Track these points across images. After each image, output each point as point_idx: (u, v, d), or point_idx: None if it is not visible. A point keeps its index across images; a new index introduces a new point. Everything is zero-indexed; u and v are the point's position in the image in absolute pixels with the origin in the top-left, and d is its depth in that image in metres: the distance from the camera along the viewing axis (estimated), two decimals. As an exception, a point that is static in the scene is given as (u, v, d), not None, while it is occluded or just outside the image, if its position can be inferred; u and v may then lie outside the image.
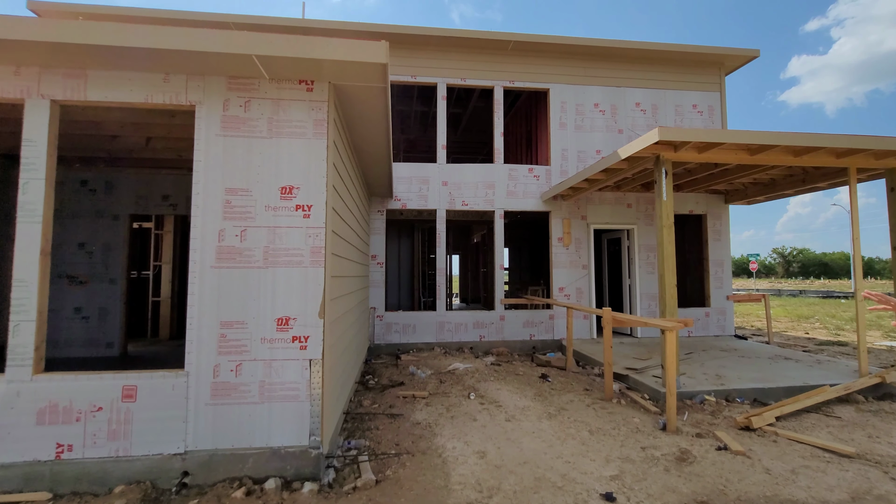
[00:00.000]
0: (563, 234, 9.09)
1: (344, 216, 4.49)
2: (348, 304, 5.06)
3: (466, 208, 8.96)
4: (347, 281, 5.00)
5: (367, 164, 6.32)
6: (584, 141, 9.28)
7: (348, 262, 5.06)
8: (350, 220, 5.22)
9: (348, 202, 4.95)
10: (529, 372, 6.92)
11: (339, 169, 4.03)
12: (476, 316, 8.83)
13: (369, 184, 7.66)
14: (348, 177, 4.85)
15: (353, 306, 5.61)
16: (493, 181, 9.07)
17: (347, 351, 5.07)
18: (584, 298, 9.07)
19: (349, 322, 5.20)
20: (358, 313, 6.48)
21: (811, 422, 4.65)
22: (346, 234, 4.83)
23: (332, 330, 3.72)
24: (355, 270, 6.14)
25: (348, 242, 5.01)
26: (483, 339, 8.78)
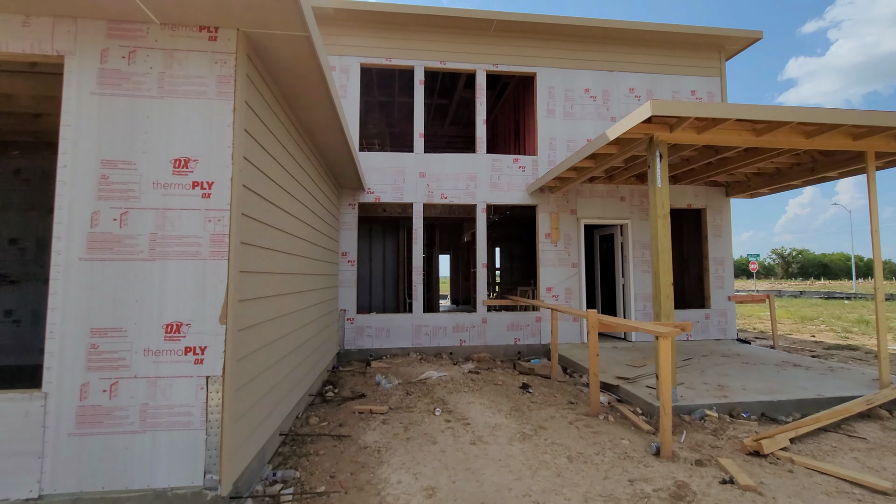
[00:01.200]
0: (551, 230, 8.39)
1: (276, 200, 3.78)
2: (290, 306, 4.35)
3: (445, 201, 8.25)
4: (288, 280, 4.29)
5: (326, 150, 5.61)
6: (573, 129, 8.58)
7: (290, 256, 4.35)
8: (295, 209, 4.51)
9: (290, 186, 4.25)
10: (510, 381, 6.21)
11: (262, 140, 3.32)
12: (456, 319, 8.12)
13: (336, 174, 6.95)
14: (288, 156, 4.14)
15: (302, 309, 4.90)
16: (475, 172, 8.36)
17: (291, 361, 4.36)
18: (574, 299, 8.36)
19: (293, 327, 4.49)
20: (316, 317, 5.77)
21: (831, 444, 3.94)
22: (285, 224, 4.12)
23: (246, 339, 3.01)
24: (310, 268, 5.43)
25: (289, 234, 4.30)
26: (464, 344, 8.07)
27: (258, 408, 3.29)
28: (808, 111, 4.73)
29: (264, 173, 3.42)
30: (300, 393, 4.82)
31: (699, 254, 9.93)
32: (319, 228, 6.07)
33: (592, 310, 4.63)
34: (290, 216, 4.31)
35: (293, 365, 4.51)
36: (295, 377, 4.58)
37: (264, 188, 3.43)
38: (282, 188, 3.96)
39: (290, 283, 4.37)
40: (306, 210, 5.15)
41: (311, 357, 5.39)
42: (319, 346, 5.99)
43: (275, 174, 3.72)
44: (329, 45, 8.09)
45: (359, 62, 8.15)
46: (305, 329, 5.14)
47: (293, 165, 4.40)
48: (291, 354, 4.43)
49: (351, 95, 8.10)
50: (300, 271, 4.88)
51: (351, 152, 5.57)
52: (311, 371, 5.44)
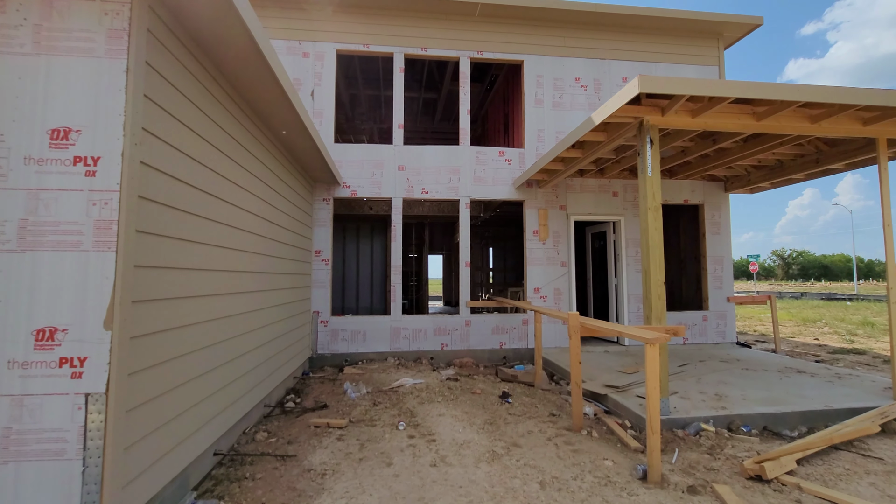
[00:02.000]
0: (539, 227, 7.90)
1: (207, 186, 3.29)
2: (233, 307, 3.85)
3: (426, 196, 7.76)
4: (230, 278, 3.79)
5: (288, 139, 5.13)
6: (563, 120, 8.10)
7: (233, 252, 3.85)
8: (242, 199, 4.02)
9: (231, 172, 3.76)
10: (489, 389, 5.71)
11: (179, 113, 2.83)
12: (437, 321, 7.62)
13: (306, 166, 6.47)
14: (227, 138, 3.65)
15: (254, 311, 4.40)
16: (458, 166, 7.88)
17: (234, 370, 3.86)
18: (564, 301, 7.87)
19: (239, 331, 3.99)
20: (278, 319, 5.28)
21: (844, 465, 3.44)
22: (225, 215, 3.63)
23: (145, 348, 2.51)
24: (269, 266, 4.94)
25: (233, 227, 3.81)
26: (446, 348, 7.57)
27: (174, 427, 2.79)
28: (816, 90, 4.25)
29: (184, 153, 2.93)
30: (250, 404, 4.32)
31: (696, 252, 9.45)
32: (282, 224, 5.59)
33: (574, 312, 4.15)
34: (232, 206, 3.82)
35: (239, 373, 4.02)
36: (242, 387, 4.08)
37: (184, 170, 2.94)
38: (217, 173, 3.47)
39: (233, 282, 3.88)
40: (260, 202, 4.66)
41: (267, 364, 4.89)
42: (282, 352, 5.50)
43: (204, 155, 3.24)
44: (302, 31, 7.61)
45: (334, 48, 7.67)
46: (260, 333, 4.65)
47: (237, 150, 3.91)
48: (235, 362, 3.94)
49: (326, 83, 7.62)
50: (251, 269, 4.40)
51: (311, 138, 5.07)
52: (269, 379, 4.95)
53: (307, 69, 7.59)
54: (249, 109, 4.18)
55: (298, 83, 7.57)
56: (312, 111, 7.57)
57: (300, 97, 7.50)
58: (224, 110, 3.59)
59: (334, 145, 7.59)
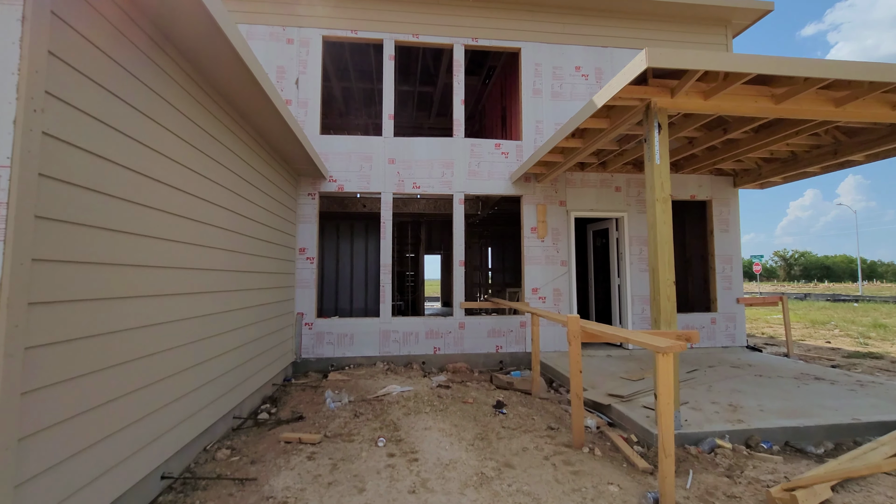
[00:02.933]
0: (538, 223, 7.45)
1: (150, 171, 2.85)
2: (189, 309, 3.41)
3: (418, 191, 7.33)
4: (185, 277, 3.36)
5: (263, 127, 4.70)
6: (562, 111, 7.65)
7: (189, 247, 3.42)
8: (201, 189, 3.59)
9: (187, 157, 3.33)
10: (483, 398, 5.27)
11: (106, 80, 2.40)
12: (430, 324, 7.17)
13: (286, 157, 6.04)
14: (172, 111, 3.22)
15: (219, 313, 3.97)
16: (452, 159, 7.44)
17: (191, 380, 3.42)
18: (564, 302, 7.42)
19: (198, 336, 3.56)
20: (251, 322, 4.85)
21: (885, 493, 2.99)
22: (177, 205, 3.20)
23: (46, 360, 2.07)
24: (239, 264, 4.51)
25: (189, 219, 3.38)
26: (438, 352, 7.13)
27: (97, 453, 2.35)
28: (845, 66, 3.80)
29: (115, 128, 2.49)
30: (214, 416, 3.89)
31: (703, 251, 9.00)
32: (258, 218, 5.16)
33: (573, 315, 3.70)
34: (189, 196, 3.38)
35: (199, 383, 3.58)
36: (203, 398, 3.65)
37: (115, 148, 2.50)
38: (166, 157, 3.04)
39: (192, 281, 3.45)
40: (229, 194, 4.23)
41: (238, 371, 4.46)
42: (257, 357, 5.06)
43: (146, 134, 2.80)
44: (286, 16, 7.18)
45: (320, 34, 7.24)
46: (228, 337, 4.21)
47: (194, 132, 3.48)
48: (195, 370, 3.51)
49: (312, 71, 7.19)
50: (216, 267, 3.96)
51: (285, 122, 4.64)
52: (240, 388, 4.51)
53: (291, 56, 7.16)
54: (210, 87, 3.75)
55: (282, 71, 7.14)
56: (297, 100, 7.14)
57: (285, 84, 7.08)
58: (175, 84, 3.16)
59: (320, 137, 7.16)
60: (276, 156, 5.83)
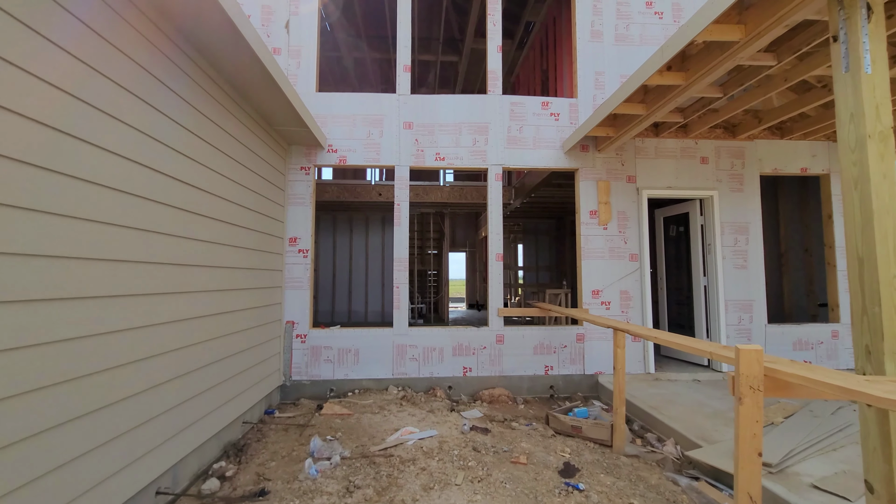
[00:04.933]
0: (599, 205, 5.68)
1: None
2: (86, 324, 1.83)
3: (442, 164, 5.65)
4: (87, 272, 1.77)
5: (227, 64, 3.13)
6: (630, 58, 5.85)
7: (99, 227, 1.83)
8: (125, 144, 2.00)
9: (92, 92, 1.74)
10: (540, 454, 3.55)
11: None
12: (457, 337, 5.49)
13: (270, 118, 4.47)
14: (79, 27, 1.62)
15: (145, 326, 2.38)
16: (486, 122, 5.74)
17: (56, 445, 1.84)
18: (635, 308, 5.63)
19: (101, 364, 1.97)
20: (203, 338, 3.26)
21: None
22: (72, 164, 1.62)
23: None
24: (192, 255, 2.93)
25: (97, 184, 1.79)
26: (469, 374, 5.44)
27: None
28: None
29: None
30: (117, 496, 2.31)
31: (806, 241, 7.08)
32: (229, 196, 3.60)
33: (754, 347, 1.94)
34: (115, 158, 1.80)
35: (87, 443, 2.00)
36: (91, 470, 2.07)
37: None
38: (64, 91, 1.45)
39: (92, 281, 1.87)
40: (181, 159, 2.65)
41: (176, 414, 2.87)
42: (215, 388, 3.48)
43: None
44: (274, -58, 5.62)
45: (317, -35, 5.66)
46: (158, 364, 2.63)
47: (125, 70, 1.89)
48: (78, 424, 1.93)
49: (307, 12, 5.60)
50: (148, 258, 2.39)
51: (255, 54, 3.03)
52: (178, 441, 2.92)
53: (280, -7, 5.60)
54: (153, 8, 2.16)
55: (269, 12, 5.57)
56: (288, 48, 5.56)
57: (272, 29, 5.54)
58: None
59: (316, 95, 5.57)
60: (255, 115, 4.26)
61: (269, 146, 4.78)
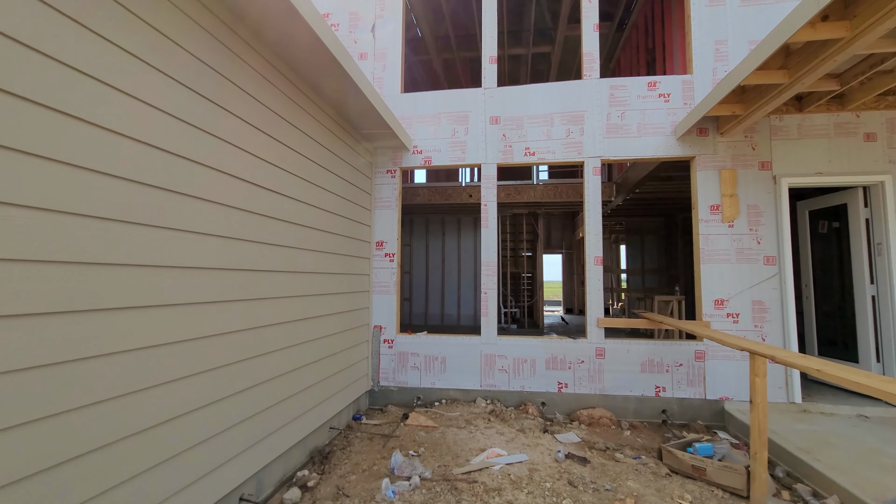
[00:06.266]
0: (722, 198, 4.78)
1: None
2: (185, 328, 1.84)
3: (532, 159, 5.20)
4: (185, 280, 1.78)
5: (317, 81, 3.11)
6: (760, 20, 4.86)
7: (191, 237, 1.85)
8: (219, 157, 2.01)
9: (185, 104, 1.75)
10: (653, 499, 2.95)
11: None
12: (552, 348, 4.99)
13: (356, 124, 4.45)
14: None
15: (250, 329, 2.38)
16: (582, 110, 5.16)
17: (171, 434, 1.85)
18: (773, 321, 4.63)
19: (200, 362, 1.98)
20: (303, 338, 3.25)
21: None
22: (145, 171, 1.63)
23: None
24: (285, 261, 2.93)
25: (188, 196, 1.81)
26: (564, 391, 4.91)
27: None
28: None
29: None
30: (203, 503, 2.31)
31: None
32: (320, 204, 3.63)
33: None
34: (221, 176, 1.81)
35: (187, 442, 2.01)
36: (186, 472, 2.08)
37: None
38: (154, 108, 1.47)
39: (175, 289, 1.88)
40: (276, 172, 2.66)
41: (261, 420, 2.87)
42: (303, 392, 3.47)
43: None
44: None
45: (401, -35, 5.58)
46: (256, 365, 2.63)
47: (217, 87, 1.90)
48: (183, 420, 1.94)
49: (392, 14, 5.54)
50: (230, 265, 2.39)
51: (358, 87, 2.94)
52: (263, 446, 2.92)
53: (366, -1, 5.62)
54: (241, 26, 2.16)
55: (356, 18, 5.62)
56: (374, 52, 5.56)
57: (359, 35, 5.59)
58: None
59: (401, 97, 5.48)
60: (341, 121, 4.25)
61: (355, 150, 4.77)
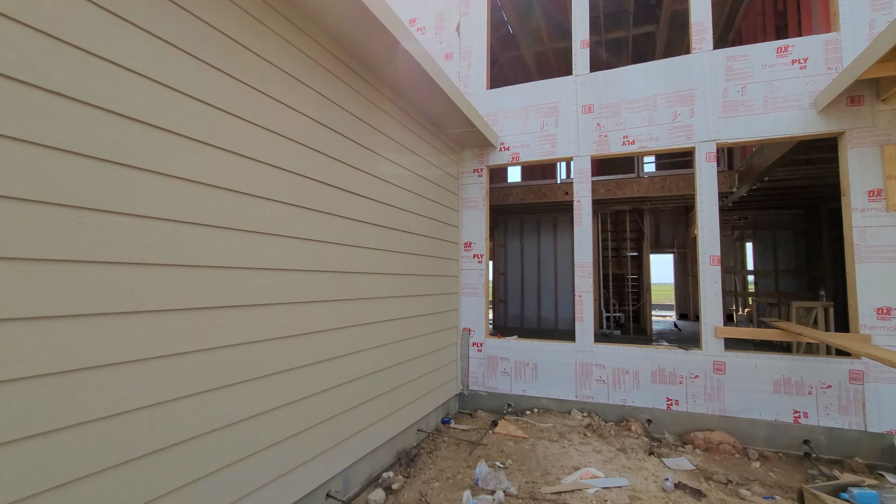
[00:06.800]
0: (887, 181, 3.82)
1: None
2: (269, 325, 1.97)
3: (631, 149, 4.69)
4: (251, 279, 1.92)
5: (401, 85, 3.15)
6: (941, -48, 3.81)
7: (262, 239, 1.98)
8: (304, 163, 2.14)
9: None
10: (790, 550, 2.41)
11: None
12: (657, 359, 4.43)
13: (441, 124, 4.42)
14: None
15: (325, 330, 2.48)
16: (690, 89, 4.53)
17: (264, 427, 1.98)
18: (964, 337, 3.58)
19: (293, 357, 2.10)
20: (391, 338, 3.30)
21: None
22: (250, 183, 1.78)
23: None
24: (367, 264, 3.00)
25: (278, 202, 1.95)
26: (674, 408, 4.32)
27: None
28: None
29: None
30: (290, 496, 2.41)
31: None
32: (408, 207, 3.66)
33: None
34: (306, 182, 1.95)
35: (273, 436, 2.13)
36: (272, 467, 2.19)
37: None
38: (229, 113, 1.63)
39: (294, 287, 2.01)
40: (363, 177, 2.74)
41: (339, 422, 2.93)
42: (390, 392, 3.50)
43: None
44: (445, -51, 5.65)
45: (486, -40, 5.44)
46: (349, 363, 2.72)
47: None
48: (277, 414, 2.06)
49: (476, 11, 5.43)
50: (320, 267, 2.50)
51: (445, 94, 2.91)
52: (346, 447, 2.98)
53: (451, -2, 5.58)
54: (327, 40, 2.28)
55: (441, 19, 5.62)
56: (459, 51, 5.49)
57: (445, 36, 5.59)
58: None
59: (486, 93, 5.33)
60: (425, 122, 4.25)
61: (440, 151, 4.73)
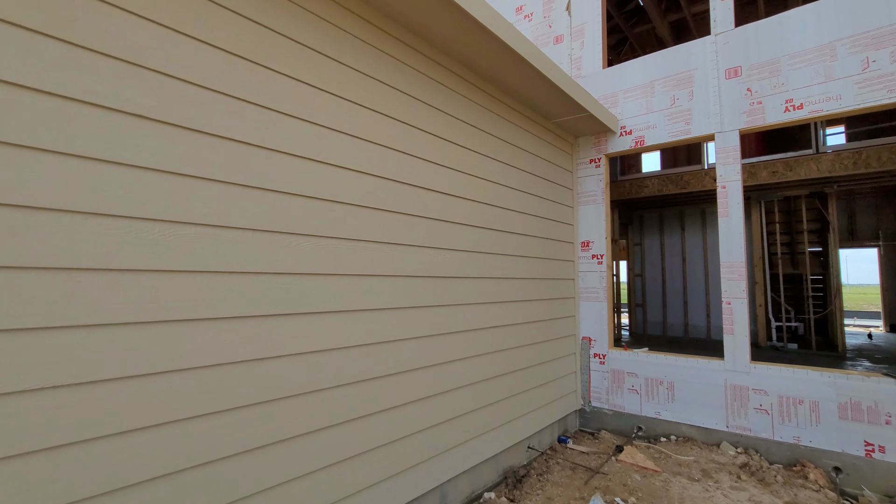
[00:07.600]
0: None
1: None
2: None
3: (797, 115, 3.64)
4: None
5: (507, 80, 2.98)
6: None
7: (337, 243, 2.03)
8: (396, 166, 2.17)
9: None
10: None
11: None
12: (847, 388, 3.34)
13: (551, 114, 4.05)
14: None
15: (425, 336, 2.44)
16: (890, 24, 3.35)
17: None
18: None
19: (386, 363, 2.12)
20: (500, 345, 3.12)
21: None
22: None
23: None
24: (473, 268, 2.89)
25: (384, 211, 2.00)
26: (876, 457, 3.21)
27: None
28: None
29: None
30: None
31: None
32: (514, 206, 3.44)
33: None
34: (390, 184, 2.00)
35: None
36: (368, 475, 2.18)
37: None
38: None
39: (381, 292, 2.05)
40: (464, 178, 2.67)
41: (432, 434, 2.80)
42: (487, 408, 3.27)
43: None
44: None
45: (597, -75, 4.85)
46: (422, 376, 2.64)
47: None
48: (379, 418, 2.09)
49: (587, -15, 4.90)
50: (401, 272, 2.46)
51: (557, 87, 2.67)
52: (442, 461, 2.84)
53: (559, -24, 5.12)
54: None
55: (549, 1, 5.19)
56: (570, 32, 5.00)
57: (554, 18, 5.20)
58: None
59: (602, 73, 4.73)
60: (528, 112, 3.94)
61: (548, 142, 4.33)
